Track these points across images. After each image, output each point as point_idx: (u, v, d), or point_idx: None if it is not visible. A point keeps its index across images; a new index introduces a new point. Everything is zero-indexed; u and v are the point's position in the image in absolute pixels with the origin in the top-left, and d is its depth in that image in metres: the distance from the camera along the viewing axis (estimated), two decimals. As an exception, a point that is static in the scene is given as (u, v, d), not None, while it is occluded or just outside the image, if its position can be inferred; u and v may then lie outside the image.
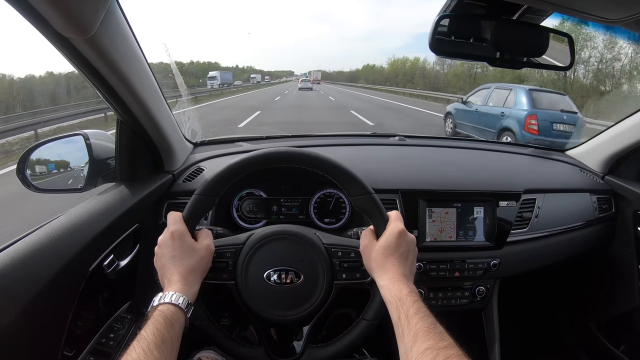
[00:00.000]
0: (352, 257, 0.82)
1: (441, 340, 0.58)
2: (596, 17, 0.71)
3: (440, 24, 0.86)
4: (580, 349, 1.62)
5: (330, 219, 1.27)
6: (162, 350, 0.59)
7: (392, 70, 63.40)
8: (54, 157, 1.07)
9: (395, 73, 59.66)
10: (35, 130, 7.91)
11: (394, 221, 0.78)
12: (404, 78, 51.66)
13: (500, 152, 1.65)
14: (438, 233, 1.19)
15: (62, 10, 0.65)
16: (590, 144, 1.56)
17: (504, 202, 1.24)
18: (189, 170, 1.26)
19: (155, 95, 1.02)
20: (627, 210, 1.40)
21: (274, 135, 1.66)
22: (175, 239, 0.75)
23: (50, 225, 0.83)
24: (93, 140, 1.04)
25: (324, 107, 17.29)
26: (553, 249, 1.33)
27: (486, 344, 1.31)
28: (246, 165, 0.81)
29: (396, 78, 54.72)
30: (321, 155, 0.82)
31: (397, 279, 0.71)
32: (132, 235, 1.03)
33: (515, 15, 0.88)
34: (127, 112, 0.97)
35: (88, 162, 1.04)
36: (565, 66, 0.98)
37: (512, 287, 1.35)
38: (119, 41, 0.82)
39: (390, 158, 1.47)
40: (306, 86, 34.45)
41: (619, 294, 1.47)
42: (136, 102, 0.94)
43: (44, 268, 0.74)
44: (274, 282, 0.79)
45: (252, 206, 1.26)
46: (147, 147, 1.11)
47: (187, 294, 0.70)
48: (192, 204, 0.79)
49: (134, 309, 1.05)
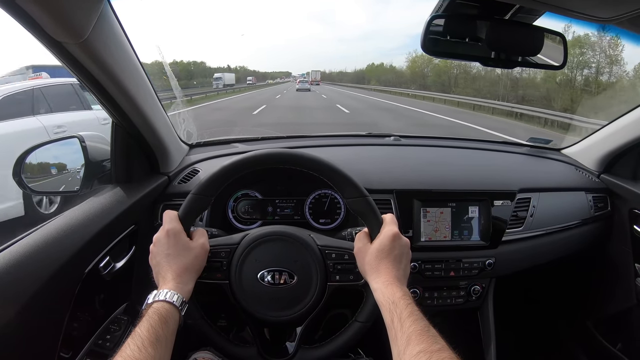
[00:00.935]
0: (345, 259, 0.82)
1: (434, 344, 0.58)
2: (588, 16, 0.71)
3: (432, 24, 0.87)
4: (577, 347, 1.62)
5: (325, 220, 1.27)
6: (156, 347, 0.60)
7: (414, 69, 46.10)
8: (50, 159, 1.08)
9: (421, 74, 43.86)
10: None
11: (388, 224, 0.78)
12: (438, 80, 37.38)
13: (495, 152, 1.65)
14: (433, 233, 1.20)
15: (54, 15, 0.65)
16: (586, 143, 1.56)
17: (498, 201, 1.24)
18: (185, 171, 1.26)
19: (149, 97, 1.03)
20: (623, 208, 1.40)
21: (269, 136, 1.66)
22: (170, 237, 0.75)
23: (46, 228, 0.84)
24: (88, 142, 1.05)
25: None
26: (549, 248, 1.34)
27: (482, 343, 1.31)
28: (242, 166, 0.82)
29: (423, 80, 41.14)
30: (316, 157, 0.83)
31: (391, 282, 0.71)
32: (128, 236, 1.04)
33: (508, 15, 0.88)
34: (121, 114, 0.97)
35: (84, 165, 1.05)
36: (559, 65, 0.98)
37: (508, 286, 1.35)
38: (112, 45, 0.82)
39: (385, 158, 1.47)
40: (304, 87, 33.98)
41: (615, 292, 1.47)
42: (131, 104, 0.95)
43: (40, 270, 0.75)
44: (268, 283, 0.80)
45: (248, 207, 1.27)
46: (143, 149, 1.12)
47: (182, 292, 0.71)
48: (188, 203, 0.80)
49: (131, 310, 1.06)
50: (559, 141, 1.74)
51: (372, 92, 32.11)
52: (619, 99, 12.28)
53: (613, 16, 0.69)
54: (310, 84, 43.57)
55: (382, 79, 54.06)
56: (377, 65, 75.27)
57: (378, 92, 32.89)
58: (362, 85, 52.05)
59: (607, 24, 0.72)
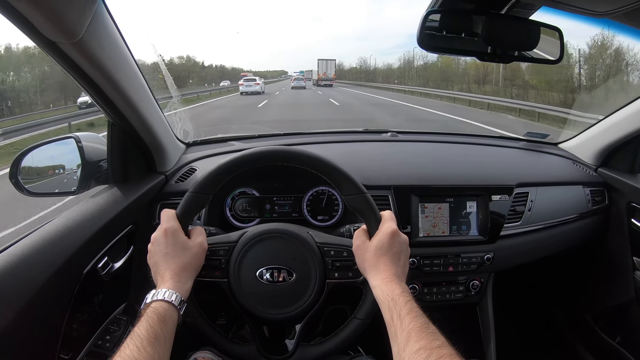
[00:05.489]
0: (344, 256, 0.82)
1: (434, 340, 0.58)
2: (584, 9, 0.71)
3: (428, 19, 0.86)
4: (577, 341, 1.63)
5: (324, 217, 1.27)
6: (155, 346, 0.60)
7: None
8: (46, 160, 1.07)
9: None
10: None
11: (387, 221, 0.78)
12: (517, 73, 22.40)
13: (493, 147, 1.65)
14: (431, 228, 1.20)
15: (48, 14, 0.65)
16: (583, 137, 1.57)
17: (496, 196, 1.24)
18: (182, 170, 1.26)
19: (145, 96, 1.02)
20: (621, 202, 1.40)
21: (266, 133, 1.66)
22: (168, 236, 0.75)
23: (43, 229, 0.84)
24: (85, 142, 1.04)
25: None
26: (547, 242, 1.34)
27: (481, 338, 1.32)
28: (239, 164, 0.82)
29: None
30: (314, 154, 0.83)
31: (390, 279, 0.71)
32: (126, 236, 1.04)
33: (504, 9, 0.88)
34: (117, 114, 0.97)
35: (80, 165, 1.04)
36: (555, 59, 0.98)
37: (507, 280, 1.36)
38: (107, 44, 0.82)
39: (383, 154, 1.47)
40: (299, 85, 32.22)
41: (614, 286, 1.48)
42: (126, 103, 0.94)
43: (38, 271, 0.75)
44: (267, 280, 0.80)
45: (245, 205, 1.26)
46: (139, 149, 1.11)
47: (180, 291, 0.71)
48: (186, 202, 0.80)
49: (130, 311, 1.06)
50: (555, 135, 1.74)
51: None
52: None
53: (609, 10, 0.68)
54: (317, 83, 34.08)
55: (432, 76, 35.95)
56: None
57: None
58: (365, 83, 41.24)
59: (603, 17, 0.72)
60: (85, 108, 9.90)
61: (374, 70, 55.82)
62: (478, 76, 27.05)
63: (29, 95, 19.26)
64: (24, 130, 8.25)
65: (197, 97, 20.49)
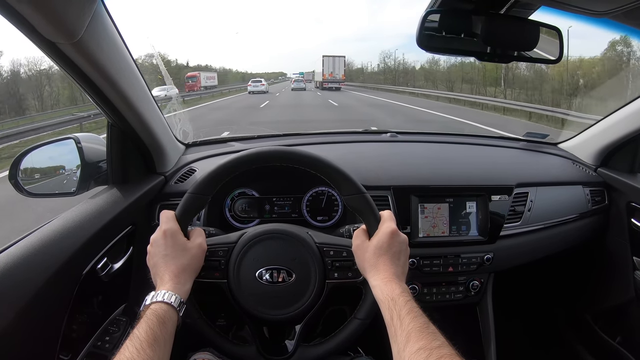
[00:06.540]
0: (344, 256, 0.82)
1: (434, 340, 0.58)
2: (584, 9, 0.71)
3: (427, 19, 0.86)
4: (576, 341, 1.63)
5: (323, 217, 1.27)
6: (154, 348, 0.60)
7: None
8: (45, 161, 1.07)
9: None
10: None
11: (387, 221, 0.78)
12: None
13: (492, 147, 1.65)
14: (431, 228, 1.20)
15: (47, 15, 0.64)
16: (582, 137, 1.57)
17: (496, 196, 1.24)
18: (181, 171, 1.26)
19: (144, 97, 1.02)
20: (620, 201, 1.40)
21: (265, 134, 1.66)
22: (167, 238, 0.75)
23: (43, 230, 0.83)
24: (84, 143, 1.04)
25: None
26: (547, 242, 1.34)
27: (481, 338, 1.32)
28: (238, 165, 0.82)
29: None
30: (313, 154, 0.82)
31: (390, 279, 0.71)
32: (126, 237, 1.03)
33: (503, 9, 0.88)
34: (117, 114, 0.97)
35: (80, 166, 1.04)
36: (555, 59, 0.98)
37: (507, 281, 1.36)
38: (106, 44, 0.82)
39: (382, 155, 1.47)
40: (299, 86, 30.68)
41: (614, 286, 1.48)
42: (126, 104, 0.94)
43: (38, 272, 0.74)
44: (266, 281, 0.80)
45: (245, 206, 1.26)
46: (139, 149, 1.11)
47: (179, 292, 0.71)
48: (185, 203, 0.80)
49: (129, 312, 1.05)
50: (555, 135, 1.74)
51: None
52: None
53: (608, 9, 0.68)
54: (322, 86, 29.53)
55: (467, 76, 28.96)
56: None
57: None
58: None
59: (602, 17, 0.72)
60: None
61: (412, 70, 39.09)
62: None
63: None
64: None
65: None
